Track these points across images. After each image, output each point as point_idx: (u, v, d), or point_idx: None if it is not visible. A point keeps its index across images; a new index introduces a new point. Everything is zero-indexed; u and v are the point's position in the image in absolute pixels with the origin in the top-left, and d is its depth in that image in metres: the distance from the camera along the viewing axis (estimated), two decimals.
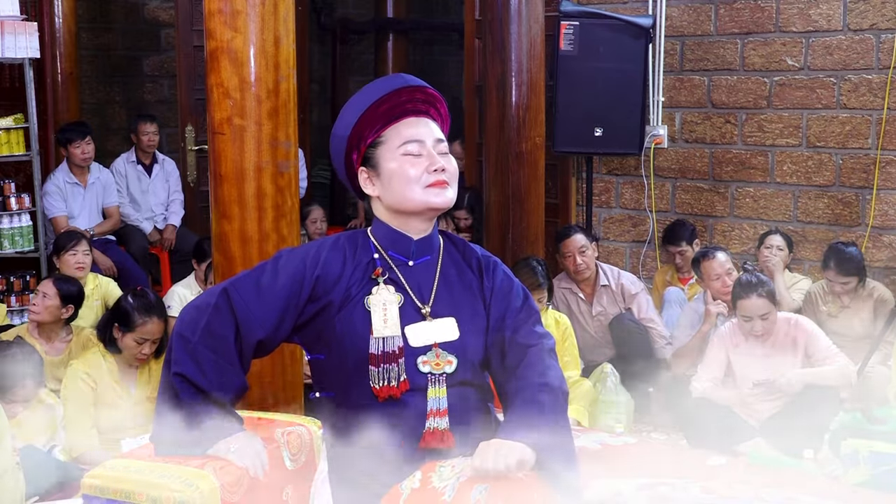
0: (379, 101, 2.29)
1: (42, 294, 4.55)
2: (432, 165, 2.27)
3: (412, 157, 2.28)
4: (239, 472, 2.25)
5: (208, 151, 3.49)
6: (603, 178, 6.60)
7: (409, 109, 2.32)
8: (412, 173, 2.27)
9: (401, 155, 2.28)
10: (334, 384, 2.31)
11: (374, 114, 2.29)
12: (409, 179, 2.27)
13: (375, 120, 2.30)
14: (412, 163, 2.28)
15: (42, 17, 6.54)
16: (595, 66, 5.80)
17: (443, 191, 2.28)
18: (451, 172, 2.31)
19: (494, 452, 2.10)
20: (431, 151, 2.29)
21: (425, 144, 2.29)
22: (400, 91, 2.30)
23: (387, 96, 2.29)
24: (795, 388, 4.29)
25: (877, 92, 5.68)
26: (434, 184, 2.27)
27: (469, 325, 2.32)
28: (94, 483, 2.26)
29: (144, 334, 4.01)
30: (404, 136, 2.29)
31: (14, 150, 5.97)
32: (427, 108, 2.35)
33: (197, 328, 2.25)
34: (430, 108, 2.36)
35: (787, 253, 5.48)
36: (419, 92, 2.32)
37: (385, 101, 2.29)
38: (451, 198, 2.30)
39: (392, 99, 2.29)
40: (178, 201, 6.90)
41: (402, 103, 2.31)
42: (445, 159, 2.30)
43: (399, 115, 2.31)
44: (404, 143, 2.29)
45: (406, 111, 2.32)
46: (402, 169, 2.27)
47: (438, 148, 2.31)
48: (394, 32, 8.72)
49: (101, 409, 4.08)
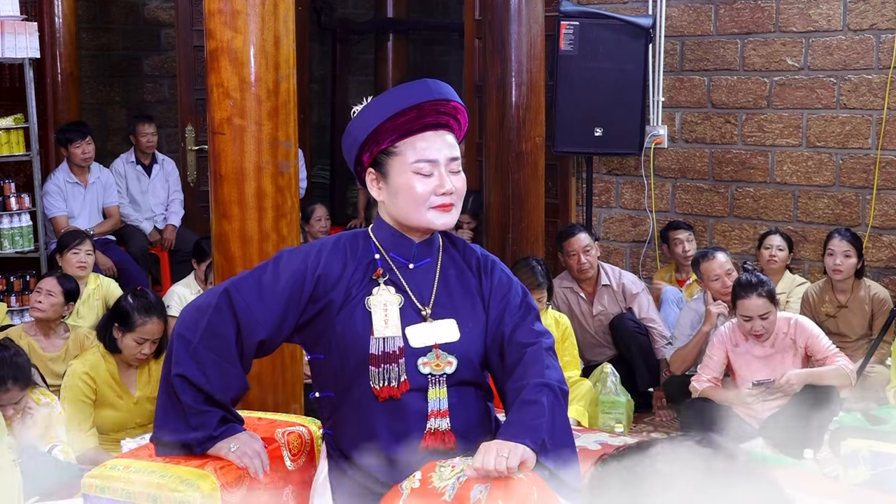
0: (401, 113, 2.25)
1: (46, 292, 4.59)
2: (441, 188, 2.26)
3: (422, 177, 2.25)
4: (239, 472, 2.25)
5: (208, 151, 3.49)
6: (603, 178, 6.61)
7: (430, 123, 2.28)
8: (420, 192, 2.25)
9: (412, 172, 2.26)
10: (334, 384, 2.31)
11: (392, 124, 2.25)
12: (416, 198, 2.26)
13: (393, 130, 2.26)
14: (422, 182, 2.25)
15: (42, 17, 6.54)
16: (595, 66, 5.80)
17: (446, 213, 2.28)
18: (459, 192, 2.29)
19: (495, 453, 2.10)
20: (443, 172, 2.27)
21: (438, 164, 2.26)
22: (423, 105, 2.26)
23: (409, 109, 2.25)
24: (795, 388, 4.29)
25: (877, 92, 5.68)
26: (439, 206, 2.26)
27: (469, 325, 2.32)
28: (94, 483, 2.27)
29: (144, 334, 4.01)
30: (419, 153, 2.26)
31: (14, 150, 5.97)
32: (447, 119, 2.31)
33: (198, 328, 2.25)
34: (451, 120, 2.32)
35: (788, 253, 5.48)
36: (442, 105, 2.28)
37: (406, 112, 2.25)
38: (452, 220, 2.30)
39: (413, 112, 2.25)
40: (177, 201, 6.90)
41: (423, 116, 2.26)
42: (456, 178, 2.29)
43: (418, 129, 2.27)
44: (417, 160, 2.26)
45: (426, 125, 2.27)
46: (411, 186, 2.26)
47: (451, 167, 2.28)
48: (394, 32, 8.72)
49: (101, 409, 4.08)
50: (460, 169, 2.32)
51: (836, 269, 5.01)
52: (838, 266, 5.00)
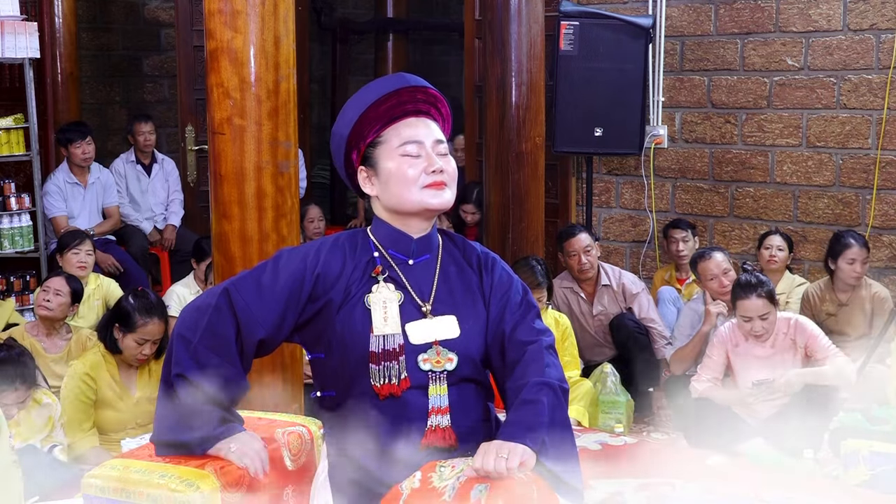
0: (379, 101, 2.28)
1: (55, 291, 4.61)
2: (430, 166, 2.27)
3: (410, 158, 2.27)
4: (239, 473, 2.25)
5: (208, 151, 3.50)
6: (603, 178, 6.61)
7: (410, 110, 2.31)
8: (410, 174, 2.26)
9: (399, 155, 2.28)
10: (335, 383, 2.31)
11: (374, 113, 2.29)
12: (407, 180, 2.26)
13: (375, 119, 2.29)
14: (410, 163, 2.27)
15: (42, 17, 6.54)
16: (595, 66, 5.80)
17: (440, 192, 2.28)
18: (450, 173, 2.30)
19: (495, 454, 2.09)
20: (430, 152, 2.28)
21: (424, 145, 2.28)
22: (401, 91, 2.29)
23: (387, 96, 2.28)
24: (795, 388, 4.29)
25: (877, 92, 5.68)
26: (432, 185, 2.27)
27: (469, 322, 2.32)
28: (94, 483, 2.27)
29: (145, 335, 4.01)
30: (403, 137, 2.28)
31: (14, 150, 5.97)
32: (428, 108, 2.34)
33: (198, 328, 2.25)
34: (431, 108, 2.35)
35: (788, 253, 5.48)
36: (420, 92, 2.32)
37: (385, 100, 2.28)
38: (448, 199, 2.30)
39: (392, 99, 2.28)
40: (177, 201, 6.90)
41: (402, 103, 2.30)
42: (444, 160, 2.29)
43: (399, 116, 2.30)
44: (403, 143, 2.28)
45: (406, 111, 2.31)
46: (401, 169, 2.27)
47: (437, 149, 2.30)
48: (394, 32, 8.73)
49: (102, 409, 4.08)
50: (448, 153, 2.33)
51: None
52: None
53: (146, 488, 2.20)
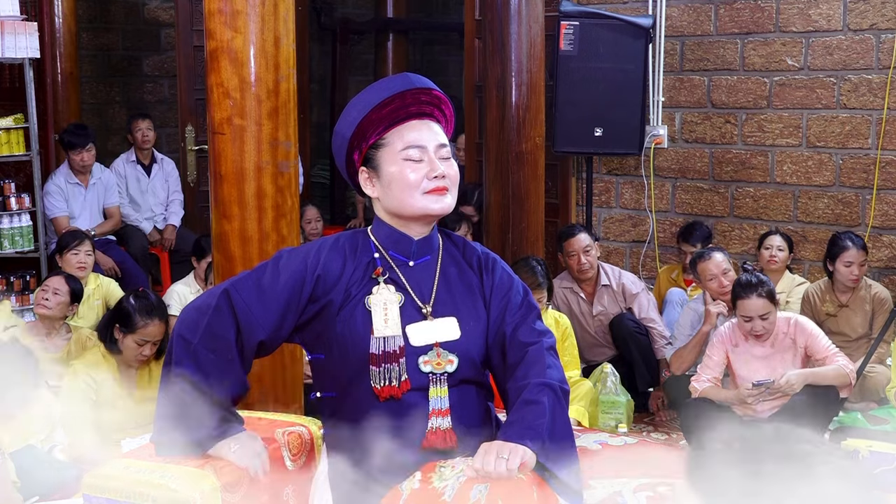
0: (383, 103, 2.27)
1: (53, 290, 4.61)
2: (433, 171, 2.26)
3: (413, 163, 2.26)
4: (239, 473, 2.25)
5: (208, 151, 3.50)
6: (603, 178, 6.61)
7: (414, 112, 2.30)
8: (412, 179, 2.26)
9: (402, 160, 2.27)
10: (335, 384, 2.31)
11: (377, 115, 2.28)
12: (409, 185, 2.26)
13: (379, 121, 2.29)
14: (413, 168, 2.26)
15: (42, 17, 6.54)
16: (595, 66, 5.80)
17: (441, 197, 2.28)
18: (452, 178, 2.30)
19: (495, 454, 2.09)
20: (433, 157, 2.28)
21: (427, 150, 2.28)
22: (405, 94, 2.28)
23: (391, 98, 2.27)
24: (795, 388, 4.29)
25: (877, 92, 5.68)
26: (433, 190, 2.26)
27: (470, 323, 2.32)
28: (94, 483, 2.26)
29: (145, 336, 4.01)
30: (406, 141, 2.28)
31: (14, 150, 5.97)
32: (432, 109, 2.33)
33: (198, 329, 2.24)
34: (435, 110, 2.34)
35: (788, 253, 5.48)
36: (424, 94, 2.30)
37: (389, 102, 2.27)
38: (449, 204, 2.30)
39: (396, 101, 2.27)
40: (177, 201, 6.90)
41: (406, 105, 2.29)
42: (447, 164, 2.29)
43: (403, 118, 2.29)
44: (406, 147, 2.27)
45: (410, 114, 2.30)
46: (403, 174, 2.26)
47: (440, 153, 2.29)
48: (394, 32, 8.73)
49: (102, 409, 4.08)
50: (451, 157, 2.32)
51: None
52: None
53: (146, 488, 2.19)
